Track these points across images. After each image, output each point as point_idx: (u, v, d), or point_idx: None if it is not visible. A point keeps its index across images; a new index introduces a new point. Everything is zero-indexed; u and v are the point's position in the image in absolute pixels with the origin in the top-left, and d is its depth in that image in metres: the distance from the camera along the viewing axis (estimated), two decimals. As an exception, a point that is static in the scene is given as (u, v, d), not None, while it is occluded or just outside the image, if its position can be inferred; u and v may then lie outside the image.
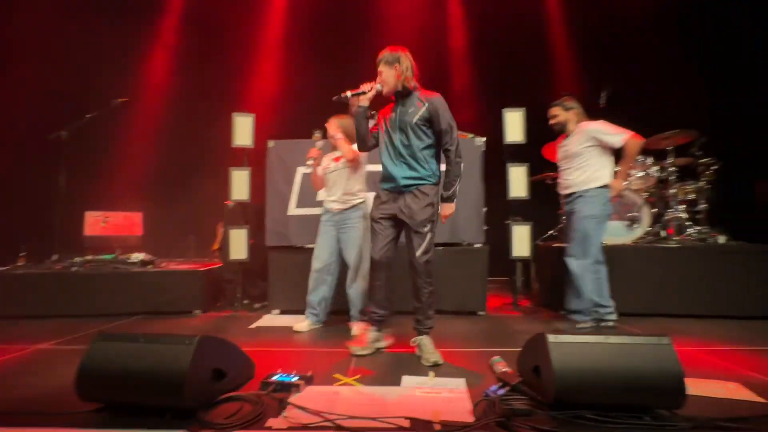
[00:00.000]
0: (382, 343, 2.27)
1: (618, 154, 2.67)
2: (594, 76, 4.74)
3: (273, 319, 3.11)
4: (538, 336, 1.50)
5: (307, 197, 3.33)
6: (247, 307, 3.50)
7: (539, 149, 3.88)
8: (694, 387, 1.56)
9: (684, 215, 3.42)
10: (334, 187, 2.75)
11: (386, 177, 2.13)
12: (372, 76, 2.13)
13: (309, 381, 1.71)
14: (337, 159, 2.76)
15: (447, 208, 2.11)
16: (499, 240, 3.47)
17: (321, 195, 3.24)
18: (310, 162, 2.67)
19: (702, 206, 3.48)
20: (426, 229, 2.04)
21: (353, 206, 2.72)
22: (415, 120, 2.03)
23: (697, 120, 3.62)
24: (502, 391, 1.54)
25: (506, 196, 3.43)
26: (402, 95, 2.09)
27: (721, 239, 3.27)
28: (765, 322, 2.77)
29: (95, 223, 3.94)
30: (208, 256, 4.44)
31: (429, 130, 2.05)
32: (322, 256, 2.75)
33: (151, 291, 3.25)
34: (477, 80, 5.46)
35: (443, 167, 2.12)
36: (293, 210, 3.32)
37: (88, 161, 4.80)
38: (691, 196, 3.53)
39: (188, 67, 5.43)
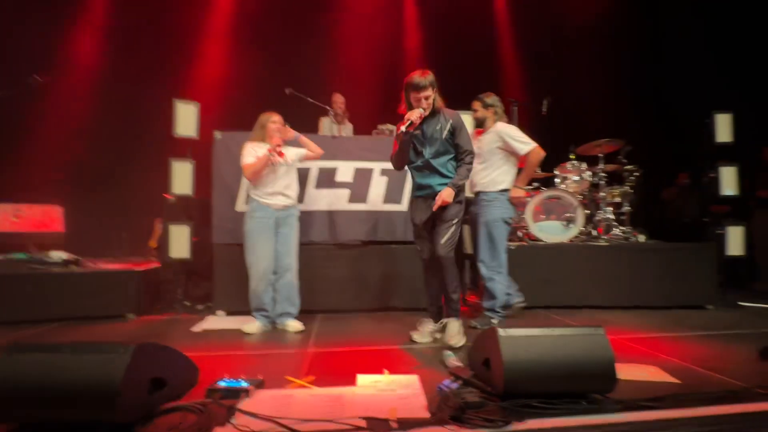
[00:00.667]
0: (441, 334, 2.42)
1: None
2: (538, 85, 5.09)
3: (218, 320, 2.94)
4: (488, 331, 1.57)
5: (257, 193, 3.20)
6: (189, 308, 3.28)
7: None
8: (621, 372, 1.72)
9: (611, 216, 3.78)
10: (277, 182, 2.66)
11: (421, 186, 2.35)
12: (324, 77, 2.12)
13: (259, 385, 1.63)
14: (280, 155, 2.63)
15: (447, 193, 2.22)
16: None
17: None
18: (278, 149, 2.54)
19: (626, 208, 3.87)
20: (453, 222, 2.27)
21: (294, 204, 2.75)
22: (444, 135, 2.25)
23: (625, 130, 4.01)
24: (455, 385, 1.58)
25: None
26: (431, 113, 2.28)
27: (641, 238, 3.67)
28: (678, 311, 3.14)
29: (3, 217, 3.46)
30: (144, 255, 4.09)
31: (452, 142, 2.29)
32: (268, 255, 2.64)
33: (76, 294, 2.92)
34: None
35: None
36: (242, 206, 3.16)
37: (-6, 145, 4.20)
38: (617, 199, 3.91)
39: (121, 47, 4.94)
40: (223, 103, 4.84)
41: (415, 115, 2.18)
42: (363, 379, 1.74)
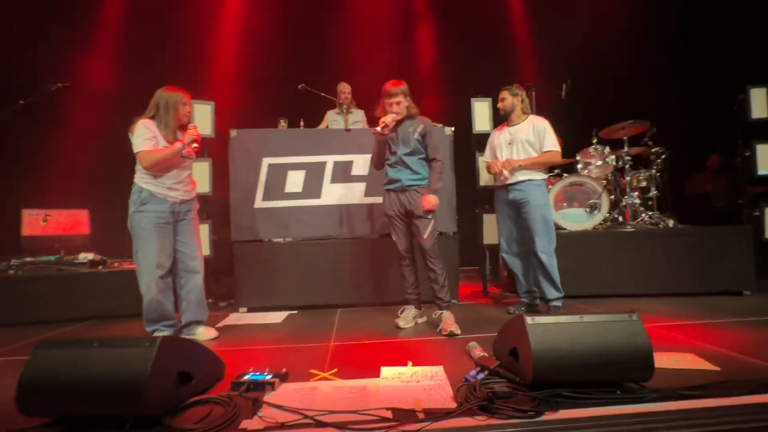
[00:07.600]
0: (423, 318, 2.66)
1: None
2: (555, 69, 4.91)
3: (240, 317, 2.98)
4: (515, 319, 1.51)
5: (274, 189, 3.21)
6: (212, 306, 3.33)
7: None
8: (656, 360, 1.65)
9: (638, 201, 3.63)
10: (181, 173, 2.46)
11: (392, 180, 2.54)
12: (334, 68, 2.06)
13: (284, 378, 1.63)
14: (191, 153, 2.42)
15: (433, 200, 2.47)
16: (467, 229, 3.51)
17: (291, 187, 3.16)
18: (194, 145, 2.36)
19: (653, 193, 3.71)
20: (430, 216, 2.47)
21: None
22: (415, 137, 2.47)
23: (650, 111, 3.83)
24: (481, 376, 1.54)
25: (475, 185, 3.47)
26: (406, 118, 2.51)
27: (671, 223, 3.51)
28: (713, 297, 3.00)
29: (34, 222, 3.58)
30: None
31: (423, 144, 2.50)
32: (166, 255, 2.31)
33: (103, 293, 3.01)
34: (444, 69, 5.49)
35: None
36: (260, 203, 3.18)
37: (23, 153, 4.35)
38: (644, 184, 3.75)
39: (138, 51, 5.03)
40: (236, 100, 4.88)
41: (389, 118, 2.40)
42: (387, 371, 1.72)
